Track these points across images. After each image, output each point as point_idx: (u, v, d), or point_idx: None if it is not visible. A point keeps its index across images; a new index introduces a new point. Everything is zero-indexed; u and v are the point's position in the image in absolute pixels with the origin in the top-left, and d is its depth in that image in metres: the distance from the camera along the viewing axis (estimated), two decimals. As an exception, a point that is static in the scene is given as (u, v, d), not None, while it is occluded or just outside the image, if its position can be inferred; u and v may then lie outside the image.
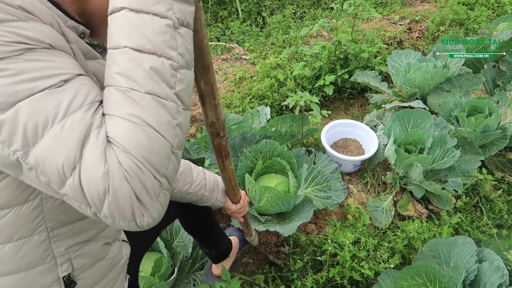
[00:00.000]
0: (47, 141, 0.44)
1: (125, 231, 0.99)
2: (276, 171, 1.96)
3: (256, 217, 1.84)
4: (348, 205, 2.08)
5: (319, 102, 2.68)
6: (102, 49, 0.69)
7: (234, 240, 1.71)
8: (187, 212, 1.31)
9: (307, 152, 2.08)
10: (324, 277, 1.73)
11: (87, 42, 0.64)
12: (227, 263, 1.64)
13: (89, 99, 0.48)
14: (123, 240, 0.93)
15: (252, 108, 2.73)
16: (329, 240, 1.83)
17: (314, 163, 2.09)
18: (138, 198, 0.47)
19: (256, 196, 1.76)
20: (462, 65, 2.61)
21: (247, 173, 1.82)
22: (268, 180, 1.89)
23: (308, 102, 2.07)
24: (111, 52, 0.49)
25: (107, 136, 0.47)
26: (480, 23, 3.47)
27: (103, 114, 0.49)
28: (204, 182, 1.12)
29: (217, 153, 0.97)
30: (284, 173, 1.93)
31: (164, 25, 0.49)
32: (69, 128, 0.45)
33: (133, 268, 1.09)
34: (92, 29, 0.66)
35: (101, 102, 0.50)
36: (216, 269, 1.63)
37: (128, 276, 1.01)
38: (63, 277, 0.69)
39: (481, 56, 2.67)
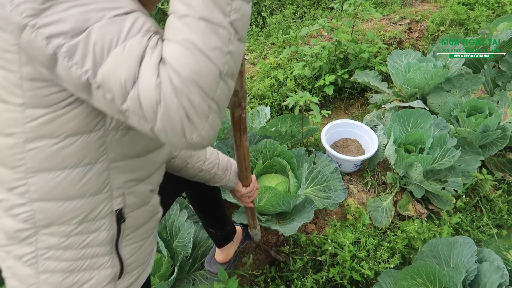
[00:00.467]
0: (111, 60, 0.51)
1: None
2: (276, 171, 1.96)
3: (256, 216, 1.84)
4: (348, 205, 2.08)
5: (319, 102, 2.68)
6: None
7: (238, 228, 1.71)
8: (196, 186, 1.31)
9: (307, 152, 2.08)
10: (324, 277, 1.73)
11: None
12: (231, 248, 1.65)
13: (144, 28, 0.54)
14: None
15: (252, 108, 2.73)
16: (329, 240, 1.83)
17: (314, 163, 2.09)
18: (187, 114, 0.51)
19: (256, 196, 1.75)
20: (462, 65, 2.61)
21: None
22: (268, 180, 1.89)
23: (308, 102, 2.07)
24: None
25: (161, 57, 0.52)
26: (480, 23, 3.47)
27: (162, 40, 0.54)
28: (217, 161, 1.16)
29: (236, 126, 0.95)
30: (284, 173, 1.93)
31: None
32: (129, 48, 0.51)
33: None
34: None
35: (156, 32, 0.55)
36: (220, 254, 1.63)
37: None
38: (116, 210, 0.75)
39: (481, 56, 2.67)
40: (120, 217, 0.76)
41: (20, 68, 0.57)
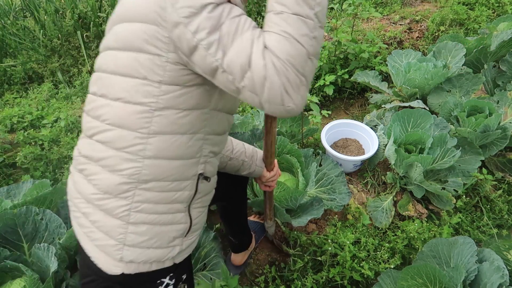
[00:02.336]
0: (234, 50, 0.69)
1: None
2: (283, 169, 1.96)
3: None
4: (348, 205, 2.07)
5: (319, 102, 2.68)
6: None
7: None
8: (227, 200, 1.47)
9: (314, 154, 2.09)
10: (324, 277, 1.73)
11: None
12: (246, 254, 1.81)
13: (252, 24, 0.72)
14: None
15: (252, 108, 2.73)
16: (329, 240, 1.83)
17: (320, 165, 2.10)
18: (285, 87, 0.68)
19: (262, 190, 1.76)
20: (462, 65, 2.60)
21: None
22: None
23: (308, 102, 2.07)
24: None
25: (265, 44, 0.68)
26: (480, 23, 3.47)
27: (263, 31, 0.71)
28: (243, 149, 1.28)
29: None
30: (291, 171, 1.94)
31: None
32: (245, 40, 0.69)
33: None
34: None
35: (255, 25, 0.73)
36: (235, 258, 1.78)
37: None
38: (199, 174, 0.91)
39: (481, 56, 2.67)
40: (200, 180, 0.92)
41: (167, 54, 0.76)
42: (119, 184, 0.84)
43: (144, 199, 0.86)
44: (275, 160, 1.36)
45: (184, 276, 1.03)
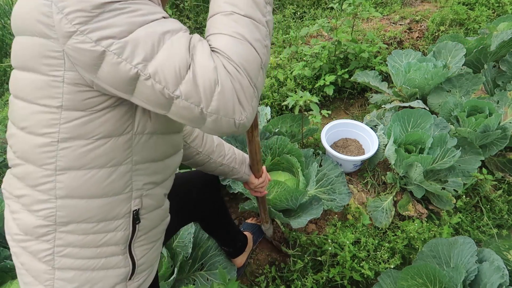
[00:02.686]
0: (163, 53, 0.57)
1: None
2: (283, 169, 1.96)
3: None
4: (348, 205, 2.07)
5: (319, 102, 2.67)
6: None
7: (249, 235, 1.83)
8: (205, 216, 1.43)
9: (314, 155, 2.09)
10: (324, 277, 1.73)
11: None
12: (244, 257, 1.78)
13: (183, 27, 0.62)
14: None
15: (252, 108, 2.73)
16: (329, 240, 1.83)
17: (320, 166, 2.10)
18: (238, 96, 0.58)
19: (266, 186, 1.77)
20: (462, 65, 2.60)
21: None
22: (276, 177, 1.90)
23: (308, 102, 2.07)
24: None
25: (211, 48, 0.59)
26: (480, 23, 3.47)
27: (208, 35, 0.62)
28: (234, 156, 1.24)
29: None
30: (291, 171, 1.94)
31: None
32: (177, 41, 0.58)
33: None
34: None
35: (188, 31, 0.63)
36: (234, 261, 1.76)
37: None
38: (133, 211, 0.78)
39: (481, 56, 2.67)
40: (136, 217, 0.80)
41: (64, 73, 0.62)
42: (37, 226, 0.73)
43: (67, 243, 0.75)
44: (264, 167, 1.35)
45: None
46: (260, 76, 0.62)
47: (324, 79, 2.72)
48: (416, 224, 1.90)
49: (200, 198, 1.32)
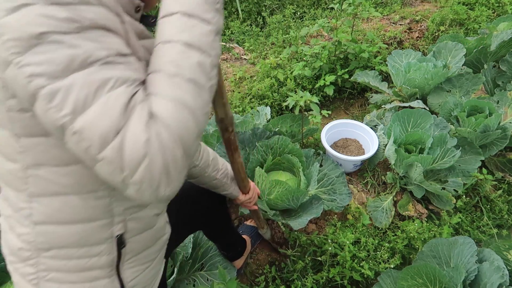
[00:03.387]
0: (95, 109, 0.50)
1: None
2: (284, 168, 1.96)
3: (265, 211, 1.84)
4: (348, 205, 2.07)
5: (319, 102, 2.67)
6: (154, 20, 0.75)
7: (247, 239, 1.83)
8: (209, 225, 1.44)
9: (315, 154, 2.09)
10: (324, 277, 1.73)
11: (142, 21, 0.73)
12: (242, 260, 1.79)
13: (132, 77, 0.54)
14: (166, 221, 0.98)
15: (252, 108, 2.73)
16: (329, 240, 1.83)
17: (321, 166, 2.10)
18: (168, 168, 0.53)
19: (266, 189, 1.77)
20: (462, 65, 2.60)
21: (257, 167, 1.83)
22: (276, 176, 1.90)
23: (308, 102, 2.07)
24: (162, 46, 0.58)
25: (150, 111, 0.53)
26: (480, 23, 3.47)
27: (148, 94, 0.55)
28: (227, 171, 1.22)
29: (227, 146, 1.05)
30: (291, 171, 1.94)
31: (209, 30, 0.60)
32: (114, 99, 0.51)
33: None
34: (145, 1, 0.74)
35: (143, 81, 0.56)
36: (233, 264, 1.77)
37: (165, 260, 1.05)
38: (116, 236, 0.75)
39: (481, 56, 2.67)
40: (120, 242, 0.76)
41: (6, 101, 0.58)
42: (20, 249, 0.73)
43: (50, 268, 0.73)
44: (252, 184, 1.34)
45: None
46: (195, 144, 0.57)
47: (324, 79, 2.72)
48: (416, 224, 1.90)
49: (204, 207, 1.31)
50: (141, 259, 0.84)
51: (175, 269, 1.58)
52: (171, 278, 1.53)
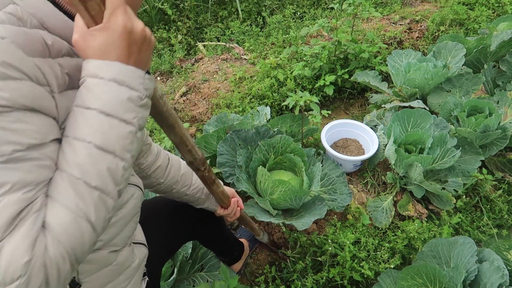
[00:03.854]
0: None
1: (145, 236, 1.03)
2: (286, 168, 1.96)
3: (267, 211, 1.84)
4: (348, 205, 2.07)
5: (319, 102, 2.67)
6: None
7: (245, 242, 1.85)
8: (203, 235, 1.43)
9: (315, 154, 2.09)
10: (324, 278, 1.73)
11: None
12: (240, 264, 1.81)
13: (37, 180, 0.50)
14: (137, 243, 0.95)
15: (252, 108, 2.73)
16: (329, 241, 1.83)
17: (321, 165, 2.10)
18: (48, 283, 0.48)
19: (268, 189, 1.77)
20: (462, 65, 2.60)
21: (260, 166, 1.83)
22: (278, 176, 1.90)
23: (308, 102, 2.07)
24: (73, 143, 0.53)
25: (44, 221, 0.49)
26: (480, 23, 3.47)
27: (48, 195, 0.51)
28: (202, 186, 1.18)
29: (203, 181, 1.06)
30: (293, 170, 1.94)
31: (128, 131, 0.55)
32: (3, 206, 0.46)
33: (153, 272, 1.11)
34: None
35: (44, 184, 0.51)
36: (231, 267, 1.79)
37: (147, 279, 1.03)
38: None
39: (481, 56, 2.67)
40: (73, 284, 0.73)
41: None
42: None
43: None
44: (233, 199, 1.31)
45: None
46: (90, 250, 0.54)
47: (324, 79, 2.72)
48: (416, 224, 1.90)
49: (190, 220, 1.30)
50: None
51: (175, 270, 1.58)
52: (171, 278, 1.53)
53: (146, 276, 1.04)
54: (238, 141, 1.97)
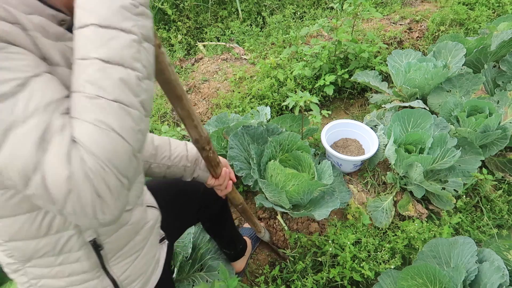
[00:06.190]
0: (6, 151, 0.48)
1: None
2: (289, 166, 1.97)
3: (281, 205, 1.84)
4: (348, 205, 2.07)
5: (319, 102, 2.67)
6: None
7: (247, 240, 1.85)
8: (211, 218, 1.41)
9: (314, 155, 2.10)
10: (325, 278, 1.72)
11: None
12: (243, 261, 1.79)
13: (44, 101, 0.50)
14: (149, 206, 0.96)
15: (252, 108, 2.73)
16: (330, 241, 1.82)
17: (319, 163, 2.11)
18: (101, 196, 0.51)
19: (280, 183, 1.79)
20: (462, 65, 2.60)
21: (272, 160, 1.85)
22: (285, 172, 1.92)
23: (308, 102, 2.07)
24: (80, 63, 0.53)
25: (73, 137, 0.50)
26: (480, 23, 3.47)
27: (70, 116, 0.51)
28: (184, 153, 1.11)
29: (207, 163, 1.06)
30: (296, 168, 1.96)
31: (130, 40, 0.55)
32: (23, 138, 0.47)
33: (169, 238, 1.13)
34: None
35: (59, 101, 0.52)
36: (234, 265, 1.78)
37: (167, 242, 1.06)
38: (90, 241, 0.76)
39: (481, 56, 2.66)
40: (96, 246, 0.77)
41: None
42: (8, 264, 0.77)
43: (38, 276, 0.77)
44: (225, 169, 1.20)
45: None
46: (132, 165, 0.54)
47: (324, 79, 2.72)
48: (416, 224, 1.90)
49: (205, 196, 1.29)
50: (126, 252, 0.85)
51: (175, 270, 1.58)
52: (171, 278, 1.53)
53: (166, 240, 1.05)
54: (247, 137, 1.98)
